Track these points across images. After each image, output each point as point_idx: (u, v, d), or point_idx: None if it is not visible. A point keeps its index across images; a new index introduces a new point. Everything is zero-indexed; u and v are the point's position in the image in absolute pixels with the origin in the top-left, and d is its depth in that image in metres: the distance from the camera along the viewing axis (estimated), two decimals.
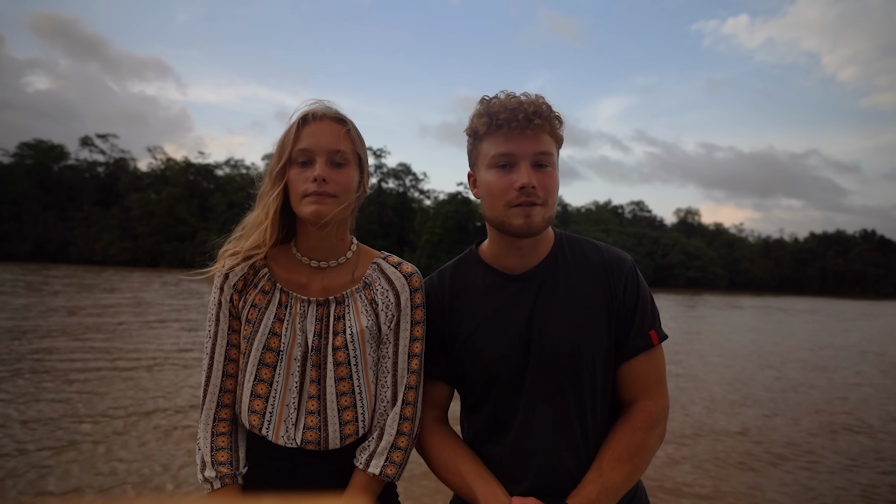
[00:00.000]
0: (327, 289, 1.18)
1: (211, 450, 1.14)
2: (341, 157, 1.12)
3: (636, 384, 1.18)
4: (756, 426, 5.99)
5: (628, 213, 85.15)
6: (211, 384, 1.17)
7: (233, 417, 1.19)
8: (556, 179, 1.13)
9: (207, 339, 1.18)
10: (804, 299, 49.33)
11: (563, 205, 77.95)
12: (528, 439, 1.16)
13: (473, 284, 1.24)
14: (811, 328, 19.15)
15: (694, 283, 64.04)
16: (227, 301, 1.17)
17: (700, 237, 76.37)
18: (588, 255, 1.22)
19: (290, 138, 1.11)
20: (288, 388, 1.15)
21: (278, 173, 1.12)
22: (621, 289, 1.18)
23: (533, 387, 1.16)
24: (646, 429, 1.14)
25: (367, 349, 1.18)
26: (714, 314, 23.88)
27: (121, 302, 15.96)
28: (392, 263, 1.22)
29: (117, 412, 5.40)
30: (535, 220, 1.11)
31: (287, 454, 1.15)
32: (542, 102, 1.12)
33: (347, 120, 1.15)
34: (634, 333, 1.17)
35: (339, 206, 1.11)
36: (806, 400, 7.47)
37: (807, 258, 76.40)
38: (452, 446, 1.21)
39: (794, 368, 10.05)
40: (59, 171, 60.70)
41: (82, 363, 7.49)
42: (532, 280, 1.20)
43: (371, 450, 1.16)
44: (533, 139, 1.11)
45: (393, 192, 65.46)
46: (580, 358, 1.15)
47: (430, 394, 1.25)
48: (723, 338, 14.59)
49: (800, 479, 4.51)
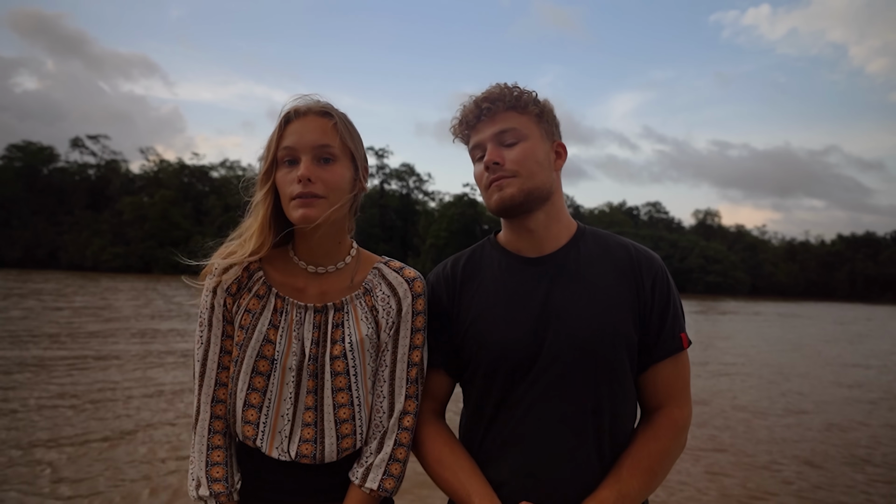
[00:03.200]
0: (325, 294, 1.18)
1: (206, 465, 1.12)
2: (328, 153, 1.10)
3: (662, 389, 1.17)
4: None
5: (644, 215, 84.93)
6: (203, 394, 1.15)
7: (226, 430, 1.17)
8: (529, 151, 1.17)
9: (198, 345, 1.16)
10: (832, 305, 48.89)
11: (574, 206, 77.87)
12: (533, 438, 1.13)
13: (488, 268, 1.25)
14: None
15: (714, 288, 63.67)
16: (220, 305, 1.15)
17: (720, 240, 75.94)
18: (613, 249, 1.22)
19: (274, 138, 1.11)
20: (282, 398, 1.14)
21: (264, 175, 1.12)
22: (650, 285, 1.17)
23: (543, 376, 1.13)
24: (671, 437, 1.14)
25: (367, 359, 1.17)
26: (728, 322, 23.71)
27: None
28: (394, 268, 1.22)
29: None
30: (507, 192, 1.16)
31: (280, 467, 1.14)
32: (495, 88, 1.20)
33: (334, 112, 1.13)
34: (665, 335, 1.16)
35: (330, 208, 1.09)
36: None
37: (834, 262, 75.82)
38: (447, 441, 1.20)
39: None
40: (48, 173, 61.24)
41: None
42: (550, 264, 1.20)
43: (368, 462, 1.15)
44: (491, 122, 1.19)
45: (396, 193, 65.65)
46: (599, 348, 1.12)
47: (429, 384, 1.24)
48: (738, 353, 13.09)
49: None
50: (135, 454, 4.63)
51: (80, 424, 5.36)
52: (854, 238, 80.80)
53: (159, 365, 8.43)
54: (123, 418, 5.63)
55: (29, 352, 8.85)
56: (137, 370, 7.94)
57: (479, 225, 53.99)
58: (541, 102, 1.21)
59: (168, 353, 9.50)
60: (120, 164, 64.13)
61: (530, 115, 1.19)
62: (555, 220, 1.22)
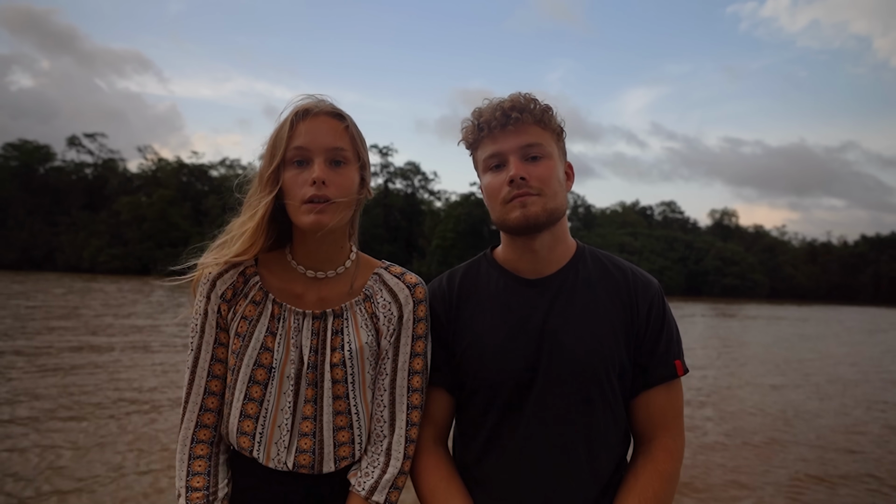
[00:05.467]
0: (324, 300, 1.18)
1: (186, 474, 1.13)
2: (341, 156, 1.10)
3: (655, 417, 1.19)
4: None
5: (658, 215, 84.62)
6: (191, 402, 1.16)
7: (212, 439, 1.17)
8: (553, 169, 1.17)
9: (190, 351, 1.17)
10: (856, 309, 48.37)
11: (586, 206, 77.69)
12: (528, 462, 1.15)
13: (485, 287, 1.25)
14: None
15: (731, 291, 63.26)
16: (213, 311, 1.15)
17: (737, 241, 75.51)
18: (611, 271, 1.24)
19: (283, 137, 1.09)
20: (280, 407, 1.14)
21: (271, 176, 1.09)
22: (645, 311, 1.19)
23: (540, 403, 1.15)
24: (673, 473, 1.15)
25: (367, 367, 1.17)
26: (746, 326, 23.53)
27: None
28: (395, 273, 1.22)
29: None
30: (531, 209, 1.14)
31: (277, 477, 1.15)
32: (521, 97, 1.18)
33: (346, 115, 1.14)
34: (658, 361, 1.18)
35: (340, 213, 1.10)
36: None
37: (857, 263, 75.17)
38: (444, 475, 1.20)
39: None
40: (44, 173, 61.79)
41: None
42: (548, 287, 1.21)
43: (375, 475, 1.15)
44: (516, 133, 1.16)
45: (400, 193, 65.67)
46: (594, 374, 1.15)
47: (428, 405, 1.24)
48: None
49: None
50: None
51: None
52: (879, 238, 80.00)
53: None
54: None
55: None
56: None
57: (487, 226, 53.86)
58: (557, 120, 1.21)
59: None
60: (117, 163, 64.59)
61: (552, 132, 1.19)
62: (558, 241, 1.23)
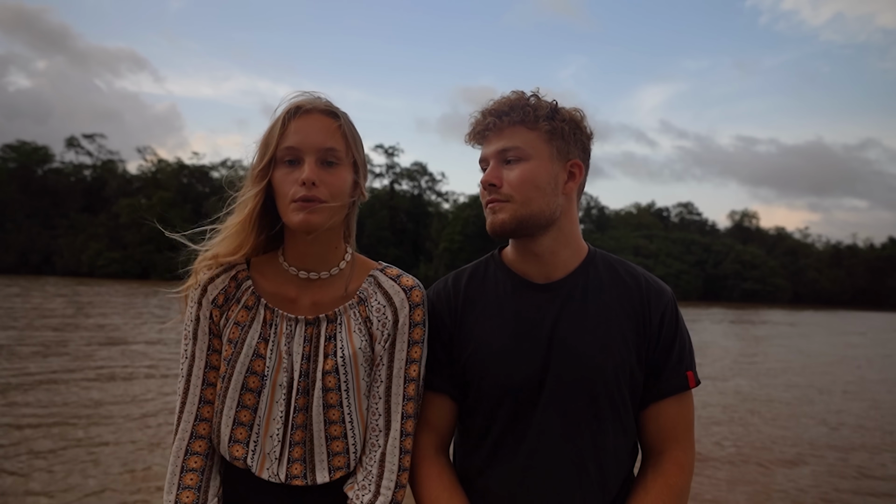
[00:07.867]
0: (318, 304, 1.18)
1: (177, 487, 1.12)
2: (333, 156, 1.10)
3: (666, 429, 1.18)
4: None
5: (675, 217, 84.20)
6: (185, 412, 1.15)
7: (207, 451, 1.16)
8: (529, 173, 1.14)
9: (183, 359, 1.17)
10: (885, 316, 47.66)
11: (599, 208, 77.42)
12: (534, 473, 1.15)
13: (493, 289, 1.25)
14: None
15: (751, 295, 62.74)
16: (206, 317, 1.15)
17: (758, 243, 74.91)
18: (623, 278, 1.23)
19: (274, 134, 1.09)
20: (272, 417, 1.14)
21: (260, 172, 1.10)
22: (657, 320, 1.18)
23: (547, 412, 1.15)
24: (684, 488, 1.15)
25: (361, 373, 1.17)
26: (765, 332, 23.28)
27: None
28: (390, 276, 1.21)
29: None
30: (498, 217, 1.16)
31: (270, 489, 1.15)
32: (512, 96, 1.17)
33: (340, 113, 1.14)
34: (670, 372, 1.17)
35: (332, 214, 1.10)
36: None
37: (885, 267, 74.29)
38: (446, 485, 1.19)
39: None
40: (43, 174, 62.36)
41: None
42: (557, 292, 1.20)
43: (372, 489, 1.15)
44: (497, 136, 1.17)
45: (407, 194, 65.69)
46: (604, 384, 1.14)
47: (430, 412, 1.23)
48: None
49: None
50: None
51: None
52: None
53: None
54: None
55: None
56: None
57: None
58: (557, 116, 1.16)
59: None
60: (116, 164, 65.11)
61: (540, 131, 1.15)
62: (563, 245, 1.22)
